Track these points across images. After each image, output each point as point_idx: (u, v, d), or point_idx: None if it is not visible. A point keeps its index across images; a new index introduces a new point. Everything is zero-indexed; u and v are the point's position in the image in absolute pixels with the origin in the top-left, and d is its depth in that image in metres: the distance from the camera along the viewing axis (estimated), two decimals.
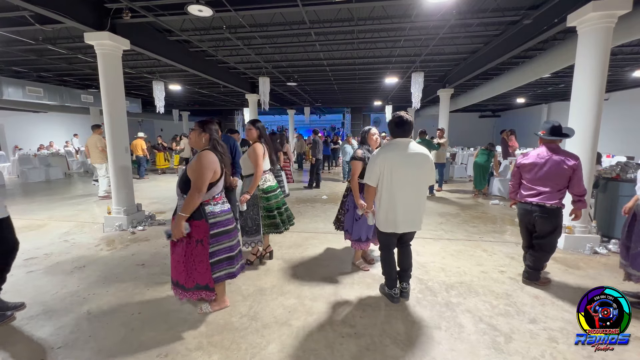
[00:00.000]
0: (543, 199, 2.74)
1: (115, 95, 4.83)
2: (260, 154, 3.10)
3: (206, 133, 2.33)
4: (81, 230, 4.79)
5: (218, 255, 2.34)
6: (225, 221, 2.36)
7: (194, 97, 14.51)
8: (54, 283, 3.08)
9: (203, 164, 2.17)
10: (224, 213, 2.36)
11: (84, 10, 4.31)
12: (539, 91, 12.71)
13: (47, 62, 7.89)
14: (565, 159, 2.69)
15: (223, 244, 2.36)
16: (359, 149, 3.04)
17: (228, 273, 2.41)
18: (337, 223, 3.52)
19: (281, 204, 3.46)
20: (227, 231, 2.36)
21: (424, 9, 4.88)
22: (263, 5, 4.53)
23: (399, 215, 2.48)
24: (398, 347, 2.13)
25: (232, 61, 8.06)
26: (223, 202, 2.40)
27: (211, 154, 2.25)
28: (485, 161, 7.09)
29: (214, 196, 2.32)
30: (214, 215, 2.29)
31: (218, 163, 2.26)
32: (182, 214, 2.16)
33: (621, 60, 7.82)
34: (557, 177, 2.70)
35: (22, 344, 2.19)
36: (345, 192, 3.38)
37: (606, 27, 3.62)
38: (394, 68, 9.02)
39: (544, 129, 2.84)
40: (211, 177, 2.21)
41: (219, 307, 2.55)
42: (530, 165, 2.82)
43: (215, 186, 2.29)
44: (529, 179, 2.84)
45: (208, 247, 2.27)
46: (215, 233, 2.30)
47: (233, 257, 2.42)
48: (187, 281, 2.27)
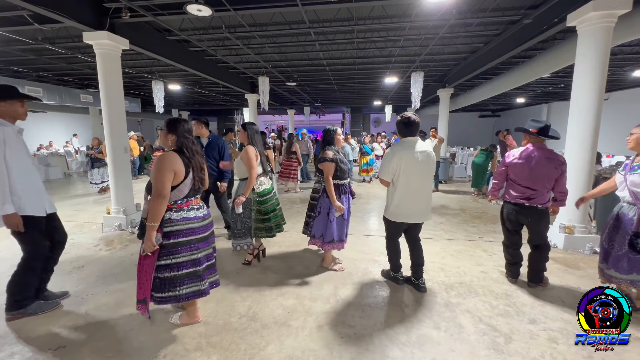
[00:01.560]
0: (535, 201, 2.73)
1: (114, 95, 4.82)
2: (253, 156, 3.09)
3: (173, 134, 2.14)
4: (80, 230, 4.78)
5: (174, 270, 2.07)
6: (188, 231, 2.10)
7: (193, 97, 14.49)
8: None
9: (158, 166, 2.00)
10: (186, 221, 2.11)
11: (83, 10, 4.29)
12: (539, 91, 12.71)
13: (46, 62, 7.88)
14: (556, 160, 2.70)
15: (183, 256, 2.09)
16: (329, 150, 3.03)
17: (193, 292, 2.14)
18: (306, 228, 3.39)
19: (275, 206, 3.45)
20: (189, 242, 2.11)
21: (423, 8, 4.87)
22: (262, 5, 4.51)
23: (413, 207, 2.74)
24: (398, 347, 2.13)
25: (231, 61, 8.05)
26: (190, 209, 2.15)
27: (171, 155, 2.06)
28: (483, 161, 7.10)
29: (176, 201, 2.11)
30: (171, 223, 2.06)
31: (180, 165, 2.05)
32: (150, 223, 1.97)
33: (621, 60, 7.82)
34: (547, 178, 2.70)
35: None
36: (314, 194, 3.25)
37: (606, 27, 3.62)
38: (394, 68, 9.01)
39: (533, 127, 2.77)
40: (172, 178, 2.02)
41: (189, 321, 2.37)
42: (521, 166, 2.77)
43: (176, 190, 2.08)
44: (520, 179, 2.78)
45: (155, 259, 2.04)
46: (171, 244, 2.06)
47: (200, 273, 2.15)
48: (138, 292, 2.11)
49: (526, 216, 2.80)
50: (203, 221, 2.22)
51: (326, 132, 3.18)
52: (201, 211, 2.23)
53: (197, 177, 2.17)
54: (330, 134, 3.14)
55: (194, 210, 2.17)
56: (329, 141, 3.13)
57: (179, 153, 2.10)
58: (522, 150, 2.83)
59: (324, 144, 3.16)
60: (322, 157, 3.01)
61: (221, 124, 20.80)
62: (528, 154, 2.76)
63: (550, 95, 14.20)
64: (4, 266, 3.48)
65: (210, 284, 2.26)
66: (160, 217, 2.00)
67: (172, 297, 2.11)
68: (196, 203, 2.22)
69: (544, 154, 2.73)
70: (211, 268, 2.31)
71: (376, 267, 3.39)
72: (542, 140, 2.79)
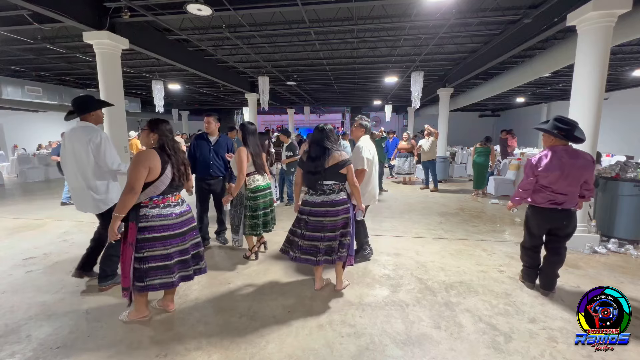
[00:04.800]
0: (568, 204, 2.61)
1: (114, 94, 4.81)
2: (244, 158, 3.16)
3: (155, 133, 2.24)
4: (80, 230, 4.78)
5: (150, 262, 2.19)
6: (162, 227, 2.19)
7: (193, 97, 14.49)
8: (53, 283, 3.07)
9: (134, 162, 2.10)
10: (161, 218, 2.19)
11: (83, 9, 4.29)
12: (539, 90, 12.71)
13: (46, 62, 7.88)
14: (585, 159, 2.56)
15: (156, 250, 2.19)
16: (342, 151, 2.68)
17: (163, 283, 2.25)
18: (337, 253, 2.65)
19: (267, 204, 3.47)
20: (163, 238, 2.20)
21: (423, 8, 4.87)
22: (262, 4, 4.51)
23: (376, 190, 3.35)
24: (398, 347, 2.13)
25: (231, 60, 8.04)
26: (166, 206, 2.22)
27: (149, 152, 2.15)
28: (484, 160, 7.08)
29: (152, 198, 2.18)
30: (146, 219, 2.16)
31: (157, 162, 2.12)
32: (116, 213, 2.08)
33: (621, 59, 7.82)
34: (579, 180, 2.59)
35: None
36: (340, 206, 2.62)
37: (606, 26, 3.62)
38: (394, 67, 9.01)
39: (559, 129, 2.55)
40: (145, 175, 2.09)
41: (137, 317, 2.40)
42: (556, 173, 2.55)
43: (152, 186, 2.15)
44: (555, 186, 2.58)
45: (132, 251, 2.14)
46: (145, 238, 2.16)
47: (170, 267, 2.24)
48: (122, 281, 2.25)
49: (561, 220, 2.65)
50: (179, 218, 2.29)
51: (329, 130, 2.69)
52: (178, 208, 2.30)
53: (177, 174, 2.24)
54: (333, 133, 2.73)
55: (170, 207, 2.25)
56: (336, 140, 2.74)
57: (161, 151, 2.20)
58: (550, 156, 2.59)
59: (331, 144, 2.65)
60: (346, 161, 2.61)
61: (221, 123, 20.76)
62: (558, 158, 2.56)
63: (550, 94, 14.20)
64: (4, 266, 3.49)
65: (180, 277, 2.34)
66: (127, 209, 2.10)
67: (148, 286, 2.22)
68: (174, 200, 2.30)
69: (573, 155, 2.56)
70: (184, 262, 2.35)
71: (376, 266, 3.39)
72: (567, 142, 2.61)
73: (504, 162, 8.27)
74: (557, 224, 2.68)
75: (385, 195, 7.30)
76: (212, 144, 3.83)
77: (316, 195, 2.65)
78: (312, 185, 2.64)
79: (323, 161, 2.56)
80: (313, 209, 2.64)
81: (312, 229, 2.65)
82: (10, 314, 2.54)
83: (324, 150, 2.59)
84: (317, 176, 2.60)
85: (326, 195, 2.62)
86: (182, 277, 2.36)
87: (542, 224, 2.74)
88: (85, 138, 2.63)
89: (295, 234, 2.74)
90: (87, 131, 2.67)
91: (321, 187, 2.62)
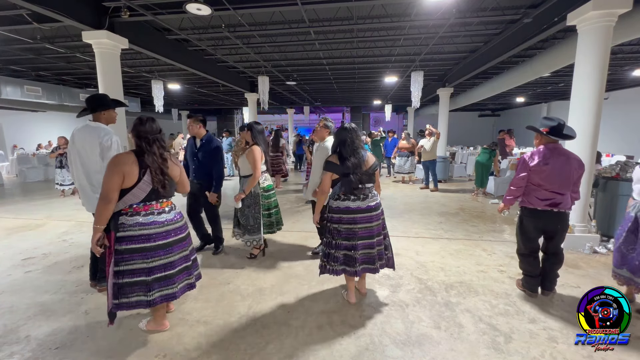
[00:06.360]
0: (563, 206, 2.57)
1: (113, 94, 4.75)
2: (259, 157, 3.19)
3: (131, 133, 2.02)
4: (80, 230, 4.78)
5: (126, 276, 1.95)
6: (140, 237, 1.95)
7: (193, 97, 14.47)
8: (52, 283, 3.07)
9: (107, 166, 1.91)
10: (140, 227, 1.96)
11: (82, 9, 4.29)
12: (539, 90, 12.71)
13: (46, 61, 7.87)
14: (575, 159, 2.56)
15: (135, 263, 1.95)
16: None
17: (139, 301, 1.99)
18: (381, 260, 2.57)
19: (277, 203, 3.62)
20: (142, 250, 1.96)
21: (423, 7, 4.86)
22: (262, 4, 4.51)
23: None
24: (397, 347, 2.13)
25: (231, 60, 8.04)
26: (148, 213, 1.99)
27: (122, 156, 1.95)
28: (487, 160, 7.07)
29: (132, 205, 1.97)
30: (123, 228, 1.94)
31: (132, 167, 1.91)
32: (96, 225, 1.89)
33: (621, 59, 7.81)
34: (571, 180, 2.57)
35: None
36: (377, 210, 2.52)
37: (606, 26, 3.61)
38: (394, 67, 9.00)
39: (545, 126, 2.58)
40: (120, 182, 1.89)
41: (155, 328, 2.28)
42: (549, 169, 2.52)
43: (129, 194, 1.94)
44: (548, 184, 2.54)
45: (111, 261, 1.94)
46: (124, 250, 1.94)
47: (148, 283, 1.98)
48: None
49: (556, 223, 2.60)
50: (163, 227, 2.02)
51: (357, 130, 2.55)
52: (164, 216, 2.05)
53: (156, 180, 1.98)
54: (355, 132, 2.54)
55: (154, 215, 2.01)
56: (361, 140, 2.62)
57: (139, 154, 1.97)
58: (542, 153, 2.58)
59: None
60: (377, 162, 2.57)
61: (221, 123, 20.79)
62: (550, 156, 2.55)
63: (550, 94, 14.20)
64: (3, 266, 3.48)
65: (161, 297, 2.04)
66: (104, 220, 1.90)
67: (121, 304, 1.98)
68: (159, 207, 2.05)
69: (563, 154, 2.56)
70: (168, 279, 2.06)
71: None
72: (556, 140, 2.60)
73: (503, 162, 8.27)
74: (551, 227, 2.65)
75: (384, 195, 7.29)
76: (197, 147, 3.51)
77: (359, 200, 2.45)
78: (355, 189, 2.43)
79: (363, 163, 2.43)
80: (358, 215, 2.43)
81: (365, 236, 2.47)
82: (9, 314, 2.54)
83: (359, 151, 2.45)
84: (362, 178, 2.42)
85: (370, 200, 2.48)
86: (163, 297, 2.06)
87: (538, 227, 2.68)
88: (95, 138, 2.55)
89: (340, 246, 2.48)
90: (98, 131, 2.58)
91: (363, 191, 2.46)
